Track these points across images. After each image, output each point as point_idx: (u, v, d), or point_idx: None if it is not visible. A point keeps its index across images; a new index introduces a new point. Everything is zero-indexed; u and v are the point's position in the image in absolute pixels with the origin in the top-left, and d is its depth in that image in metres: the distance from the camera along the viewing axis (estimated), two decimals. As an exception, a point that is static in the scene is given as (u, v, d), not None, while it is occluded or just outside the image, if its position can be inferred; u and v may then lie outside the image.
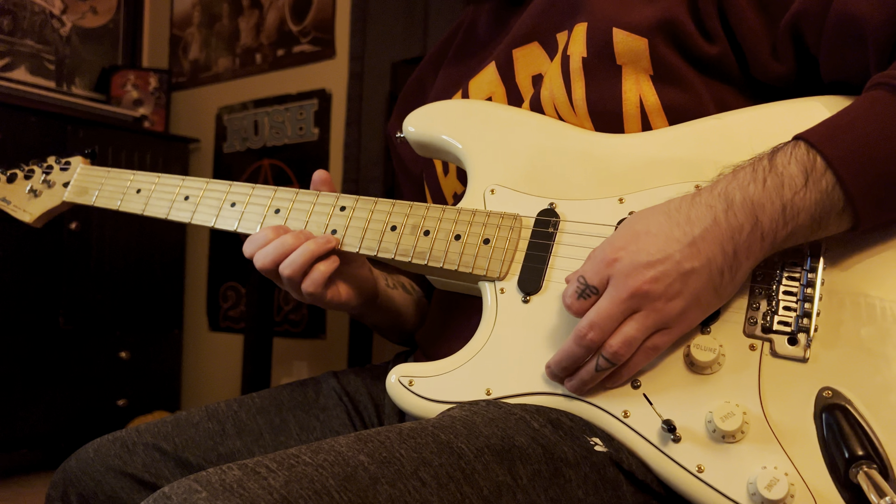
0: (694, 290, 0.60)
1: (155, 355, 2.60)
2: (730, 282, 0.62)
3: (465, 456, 0.57)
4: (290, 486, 0.49)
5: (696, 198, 0.62)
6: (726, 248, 0.60)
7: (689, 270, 0.60)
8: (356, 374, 0.96)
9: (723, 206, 0.60)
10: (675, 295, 0.60)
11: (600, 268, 0.62)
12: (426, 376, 0.71)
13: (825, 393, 0.60)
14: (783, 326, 0.63)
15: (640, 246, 0.61)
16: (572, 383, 0.65)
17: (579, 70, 0.79)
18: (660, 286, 0.60)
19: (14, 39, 2.64)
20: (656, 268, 0.60)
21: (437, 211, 0.78)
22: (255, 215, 0.85)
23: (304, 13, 2.55)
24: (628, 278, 0.61)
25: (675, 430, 0.61)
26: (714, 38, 0.76)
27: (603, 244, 0.64)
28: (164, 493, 0.50)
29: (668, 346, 0.63)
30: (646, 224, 0.63)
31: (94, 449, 0.84)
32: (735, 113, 0.73)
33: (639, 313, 0.61)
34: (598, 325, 0.61)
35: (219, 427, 0.86)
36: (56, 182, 1.02)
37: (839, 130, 0.61)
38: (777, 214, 0.59)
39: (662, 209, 0.63)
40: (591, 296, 0.63)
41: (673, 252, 0.60)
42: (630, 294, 0.60)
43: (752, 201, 0.60)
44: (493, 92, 0.90)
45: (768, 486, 0.56)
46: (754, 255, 0.61)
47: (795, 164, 0.60)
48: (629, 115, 0.77)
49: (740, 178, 0.62)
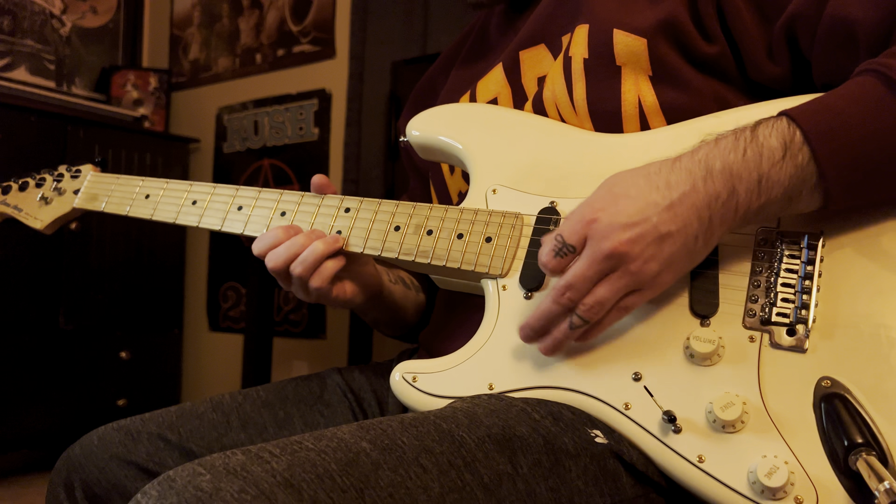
0: (669, 253, 0.61)
1: (155, 355, 2.60)
2: (703, 247, 0.63)
3: (466, 444, 0.58)
4: (292, 469, 0.50)
5: (677, 163, 0.63)
6: (702, 215, 0.61)
7: (665, 234, 0.61)
8: (360, 370, 0.97)
9: (702, 173, 0.61)
10: (650, 257, 0.61)
11: (578, 227, 0.63)
12: (429, 372, 0.72)
13: (824, 382, 0.61)
14: (782, 318, 0.63)
15: (618, 208, 0.62)
16: (546, 343, 0.66)
17: (580, 71, 0.80)
18: (636, 248, 0.61)
19: (14, 39, 2.64)
20: (633, 229, 0.61)
21: (440, 211, 0.79)
22: (261, 218, 0.87)
23: (304, 13, 2.55)
24: (605, 239, 0.61)
25: (676, 421, 0.62)
26: (713, 39, 0.77)
27: (581, 205, 0.65)
28: (168, 476, 0.51)
29: (638, 306, 0.65)
30: (625, 186, 0.63)
31: (98, 437, 0.85)
32: (733, 111, 0.73)
33: (613, 274, 0.62)
34: (574, 285, 0.63)
35: (223, 419, 0.87)
36: (67, 189, 1.04)
37: (822, 109, 0.62)
38: (753, 185, 0.61)
39: (642, 172, 0.64)
40: (567, 254, 0.63)
41: (651, 215, 0.61)
42: (607, 254, 0.61)
43: (731, 170, 0.61)
44: (498, 93, 0.91)
45: (768, 474, 0.57)
46: (727, 224, 0.62)
47: (776, 137, 0.61)
48: (628, 115, 0.78)
49: (722, 146, 0.62)
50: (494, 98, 0.91)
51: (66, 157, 2.29)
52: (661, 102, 0.77)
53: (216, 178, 2.79)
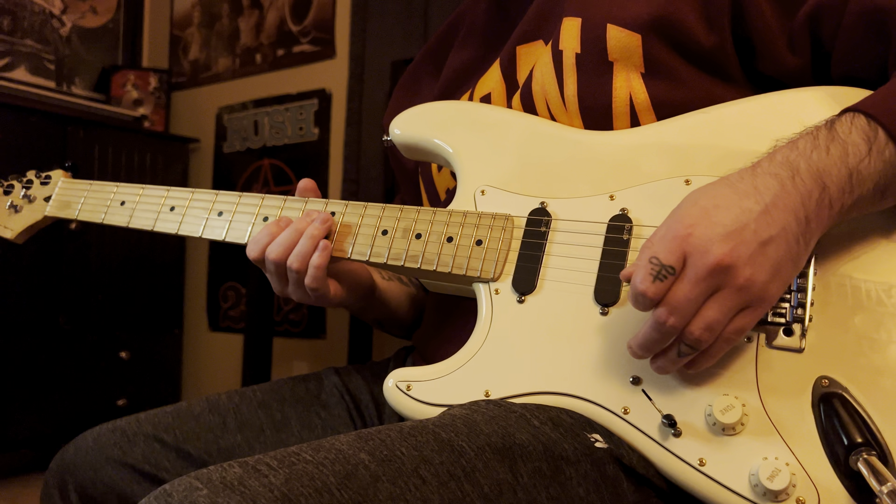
0: (774, 260, 0.57)
1: (155, 355, 2.60)
2: (804, 250, 0.59)
3: (465, 454, 0.57)
4: (290, 483, 0.49)
5: (757, 168, 0.60)
6: (799, 215, 0.58)
7: (767, 239, 0.57)
8: (358, 371, 0.96)
9: (788, 174, 0.58)
10: (757, 267, 0.57)
11: (674, 245, 0.58)
12: (424, 380, 0.71)
13: (822, 382, 0.61)
14: (778, 318, 0.63)
15: (713, 219, 0.57)
16: (655, 366, 0.62)
17: (572, 66, 0.79)
18: (741, 258, 0.56)
19: (14, 39, 2.64)
20: (735, 238, 0.56)
21: (428, 213, 0.78)
22: (243, 224, 0.85)
23: (304, 13, 2.55)
24: (707, 253, 0.56)
25: (676, 425, 0.61)
26: (714, 30, 0.74)
27: (669, 222, 0.60)
28: (164, 490, 0.50)
29: (752, 326, 0.59)
30: (713, 198, 0.59)
31: (93, 438, 0.84)
32: (722, 106, 0.73)
33: (720, 293, 0.57)
34: (678, 309, 0.57)
35: (220, 420, 0.86)
36: (37, 197, 1.01)
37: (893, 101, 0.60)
38: (844, 181, 0.58)
39: (724, 182, 0.60)
40: (666, 277, 0.57)
41: (749, 221, 0.57)
42: (710, 270, 0.56)
43: (818, 168, 0.58)
44: (493, 88, 0.89)
45: (770, 476, 0.57)
46: (823, 224, 0.59)
47: (857, 133, 0.59)
48: (618, 111, 0.77)
49: (801, 146, 0.60)
50: (489, 94, 0.89)
51: (67, 157, 2.28)
52: (651, 98, 0.76)
53: (216, 178, 2.78)
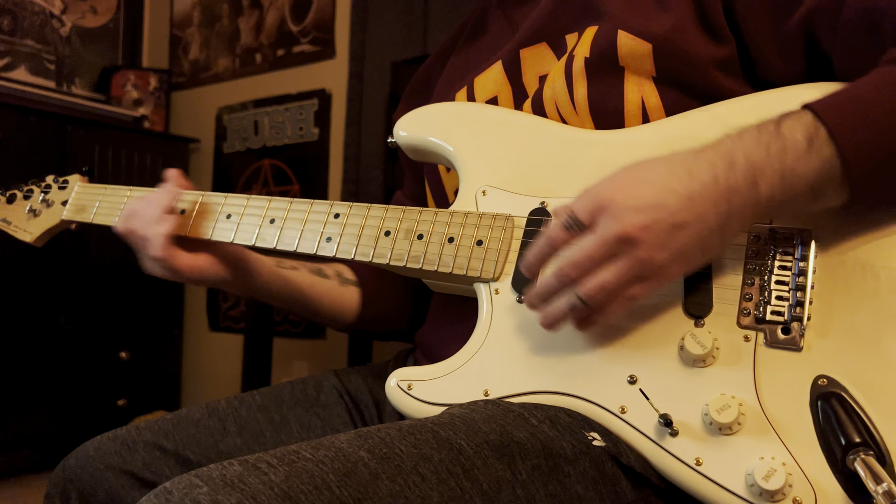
0: (681, 244, 0.60)
1: (155, 355, 2.60)
2: (717, 242, 0.62)
3: (464, 451, 0.57)
4: (290, 481, 0.50)
5: (701, 153, 0.61)
6: (720, 209, 0.59)
7: (680, 223, 0.59)
8: (357, 372, 0.96)
9: (724, 165, 0.60)
10: (661, 246, 0.59)
11: (591, 205, 0.62)
12: (425, 380, 0.72)
13: (820, 381, 0.61)
14: (776, 316, 0.63)
15: (636, 191, 0.60)
16: (544, 316, 0.65)
17: (581, 70, 0.79)
18: (648, 235, 0.59)
19: (14, 39, 2.64)
20: (648, 214, 0.59)
21: (430, 214, 0.78)
22: (250, 226, 0.87)
23: (304, 13, 2.55)
24: (617, 220, 0.59)
25: (672, 425, 0.62)
26: (722, 40, 0.75)
27: (599, 183, 0.63)
28: (165, 488, 0.51)
29: (643, 297, 0.63)
30: (646, 171, 0.62)
31: (93, 447, 0.84)
32: (723, 104, 0.73)
33: (619, 259, 0.60)
34: (577, 262, 0.61)
35: (219, 425, 0.86)
36: (55, 201, 1.04)
37: (847, 102, 0.61)
38: (776, 181, 0.59)
39: (664, 160, 0.62)
40: (573, 228, 0.62)
41: (667, 202, 0.59)
42: (616, 237, 0.59)
43: (754, 165, 0.59)
44: (498, 91, 0.90)
45: (766, 476, 0.57)
46: (746, 220, 0.61)
47: (800, 131, 0.60)
48: (630, 114, 0.77)
49: (745, 139, 0.61)
50: (494, 97, 0.90)
51: (66, 157, 2.28)
52: (664, 103, 0.76)
53: (216, 178, 2.78)
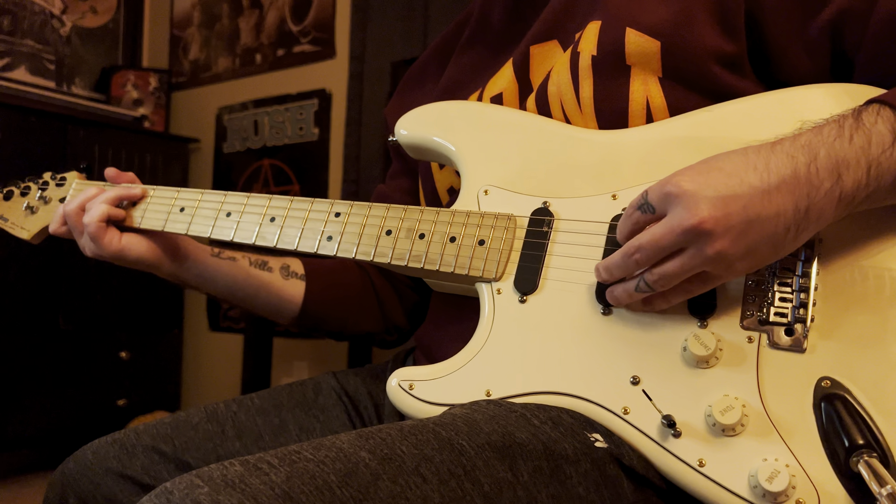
0: (753, 240, 0.57)
1: (155, 355, 2.60)
2: (792, 240, 0.58)
3: (466, 452, 0.57)
4: (291, 481, 0.49)
5: (777, 146, 0.59)
6: (800, 205, 0.56)
7: (754, 218, 0.56)
8: (355, 373, 0.96)
9: (805, 159, 0.57)
10: (732, 242, 0.56)
11: (663, 191, 0.59)
12: (426, 379, 0.71)
13: (824, 383, 0.60)
14: (780, 318, 0.63)
15: (709, 180, 0.57)
16: (613, 293, 0.66)
17: (588, 68, 0.78)
18: (719, 228, 0.56)
19: (14, 39, 2.64)
20: (720, 208, 0.56)
21: (432, 214, 0.78)
22: (251, 224, 0.86)
23: (304, 13, 2.55)
24: (688, 210, 0.57)
25: (675, 426, 0.61)
26: (734, 37, 0.74)
27: (677, 172, 0.60)
28: (165, 488, 0.50)
29: (707, 290, 0.62)
30: (721, 161, 0.59)
31: (92, 451, 0.84)
32: (726, 104, 0.72)
33: (688, 251, 0.58)
34: (645, 248, 0.60)
35: (218, 429, 0.86)
36: (52, 198, 1.02)
37: None
38: (861, 174, 0.57)
39: (741, 151, 0.59)
40: (646, 212, 0.61)
41: (742, 194, 0.56)
42: (686, 229, 0.57)
43: (838, 157, 0.57)
44: (504, 88, 0.89)
45: (769, 478, 0.57)
46: (825, 217, 0.58)
47: (883, 124, 0.58)
48: (635, 114, 0.76)
49: (825, 132, 0.59)
50: (500, 93, 0.89)
51: (67, 157, 2.28)
52: (669, 103, 0.75)
53: (216, 178, 2.78)
